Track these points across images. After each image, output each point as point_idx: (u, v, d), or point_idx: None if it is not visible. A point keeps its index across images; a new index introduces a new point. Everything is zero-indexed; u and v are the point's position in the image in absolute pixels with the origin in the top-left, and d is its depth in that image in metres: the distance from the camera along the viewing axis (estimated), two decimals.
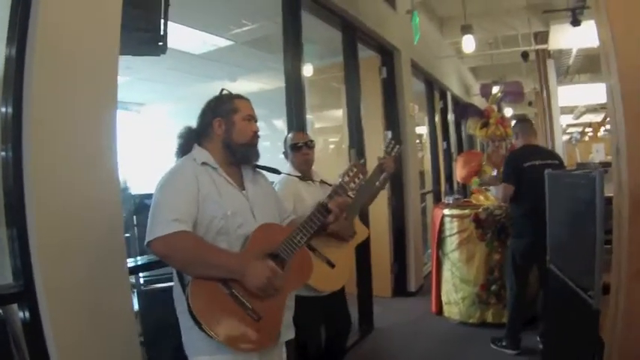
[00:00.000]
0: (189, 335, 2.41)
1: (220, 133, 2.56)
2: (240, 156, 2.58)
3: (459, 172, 7.76)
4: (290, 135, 3.95)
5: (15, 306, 2.51)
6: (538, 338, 5.17)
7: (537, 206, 4.84)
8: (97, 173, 2.69)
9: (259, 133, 2.63)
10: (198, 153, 2.55)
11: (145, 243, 2.27)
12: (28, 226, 2.40)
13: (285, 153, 3.91)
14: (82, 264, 2.55)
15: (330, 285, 3.61)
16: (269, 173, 2.90)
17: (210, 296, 2.27)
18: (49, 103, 2.45)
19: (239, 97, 2.67)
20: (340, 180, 2.61)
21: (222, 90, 2.70)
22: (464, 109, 8.49)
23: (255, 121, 2.64)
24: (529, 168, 4.99)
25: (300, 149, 3.77)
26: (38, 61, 2.39)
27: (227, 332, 2.26)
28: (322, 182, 3.60)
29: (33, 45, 2.39)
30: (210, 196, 2.41)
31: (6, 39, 2.43)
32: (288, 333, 2.66)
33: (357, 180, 2.62)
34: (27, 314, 2.43)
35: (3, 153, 2.45)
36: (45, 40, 2.43)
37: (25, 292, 2.41)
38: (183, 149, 2.61)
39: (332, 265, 3.54)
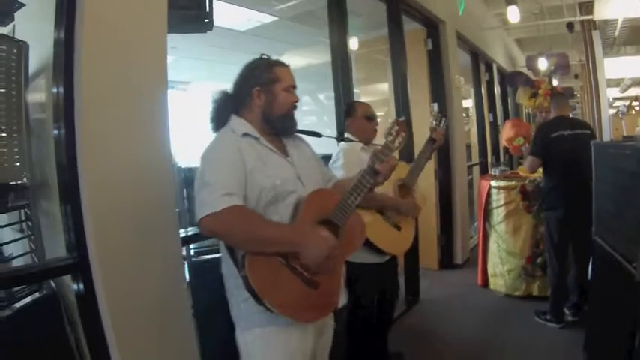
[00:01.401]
0: (242, 308, 2.37)
1: (260, 104, 2.45)
2: (278, 128, 2.50)
3: (506, 134, 7.71)
4: (361, 106, 4.05)
5: (68, 282, 2.60)
6: (566, 310, 5.22)
7: (567, 177, 4.87)
8: (150, 147, 2.73)
9: (298, 103, 2.53)
10: (237, 124, 2.45)
11: (197, 221, 2.17)
12: (82, 200, 2.45)
13: (349, 121, 4.01)
14: (136, 235, 2.61)
15: (397, 248, 3.85)
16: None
17: (267, 268, 2.20)
18: (100, 82, 2.49)
19: (280, 63, 2.53)
20: (385, 140, 2.54)
21: (262, 55, 2.56)
22: (513, 77, 8.43)
23: (295, 89, 2.54)
24: (557, 138, 5.01)
25: (372, 121, 3.94)
26: (87, 42, 2.43)
27: (288, 304, 2.21)
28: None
29: (81, 27, 2.42)
30: (257, 167, 2.32)
31: (54, 22, 2.49)
32: (342, 299, 2.67)
33: (400, 138, 2.54)
34: (81, 286, 2.49)
35: (55, 132, 2.50)
36: (93, 21, 2.46)
37: (79, 264, 2.47)
38: (218, 116, 2.51)
39: (399, 229, 3.71)
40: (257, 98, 2.45)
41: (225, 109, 2.51)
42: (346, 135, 3.89)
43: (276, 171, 2.38)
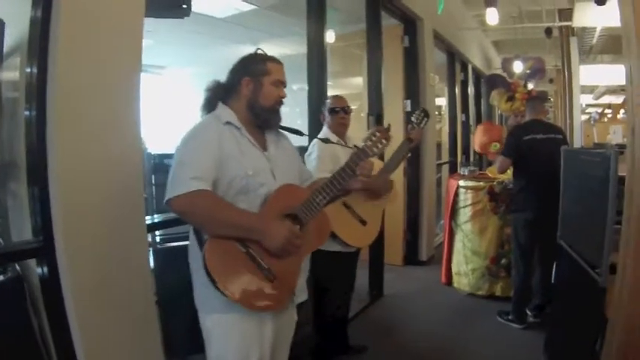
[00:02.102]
0: (203, 292, 2.42)
1: (247, 93, 2.51)
2: (261, 119, 2.54)
3: (478, 140, 7.76)
4: (329, 100, 4.15)
5: (32, 266, 2.56)
6: (529, 312, 5.30)
7: (538, 180, 4.91)
8: (119, 133, 2.72)
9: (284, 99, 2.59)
10: (222, 111, 2.51)
11: (165, 200, 2.25)
12: (49, 183, 2.43)
13: (322, 115, 4.12)
14: (102, 221, 2.60)
15: (360, 241, 3.91)
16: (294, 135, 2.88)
17: (226, 254, 2.26)
18: (74, 64, 2.46)
19: (273, 59, 2.59)
20: (363, 144, 2.60)
21: (258, 49, 2.64)
22: (493, 80, 8.47)
23: (284, 87, 2.60)
24: (529, 141, 5.05)
25: (337, 113, 3.99)
26: (64, 22, 2.40)
27: (241, 291, 2.25)
28: (355, 147, 3.68)
29: (59, 7, 2.39)
30: (232, 155, 2.38)
31: (31, 1, 2.43)
32: (302, 295, 2.69)
33: (379, 145, 2.59)
34: (45, 270, 2.47)
35: (27, 112, 2.48)
36: (70, 1, 2.43)
37: (44, 248, 2.44)
38: (210, 103, 2.58)
39: (364, 223, 3.77)
40: (245, 87, 2.52)
41: (215, 97, 2.59)
42: (325, 130, 4.03)
43: (252, 162, 2.44)
